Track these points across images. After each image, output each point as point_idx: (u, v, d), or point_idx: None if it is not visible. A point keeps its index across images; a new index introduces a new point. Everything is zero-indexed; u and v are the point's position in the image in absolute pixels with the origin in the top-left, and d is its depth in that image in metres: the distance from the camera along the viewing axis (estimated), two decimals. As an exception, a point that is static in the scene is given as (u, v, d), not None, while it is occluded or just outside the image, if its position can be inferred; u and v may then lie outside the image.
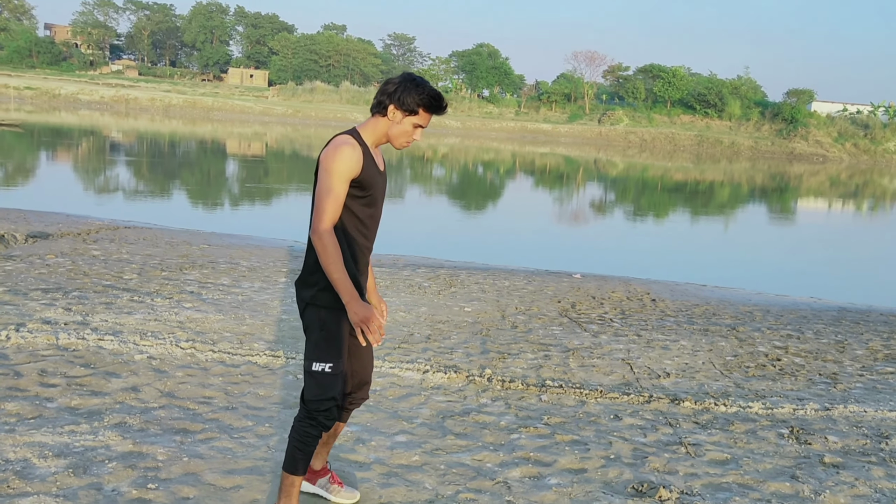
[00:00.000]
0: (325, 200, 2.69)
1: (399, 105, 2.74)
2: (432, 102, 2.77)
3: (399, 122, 2.78)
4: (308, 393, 2.84)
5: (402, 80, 2.76)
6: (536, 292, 8.47)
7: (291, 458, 2.87)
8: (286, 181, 23.57)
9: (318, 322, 2.80)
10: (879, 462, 4.14)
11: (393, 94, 2.74)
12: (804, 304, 9.40)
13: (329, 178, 2.70)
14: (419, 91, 2.73)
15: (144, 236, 10.26)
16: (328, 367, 2.80)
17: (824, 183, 40.72)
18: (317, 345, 2.80)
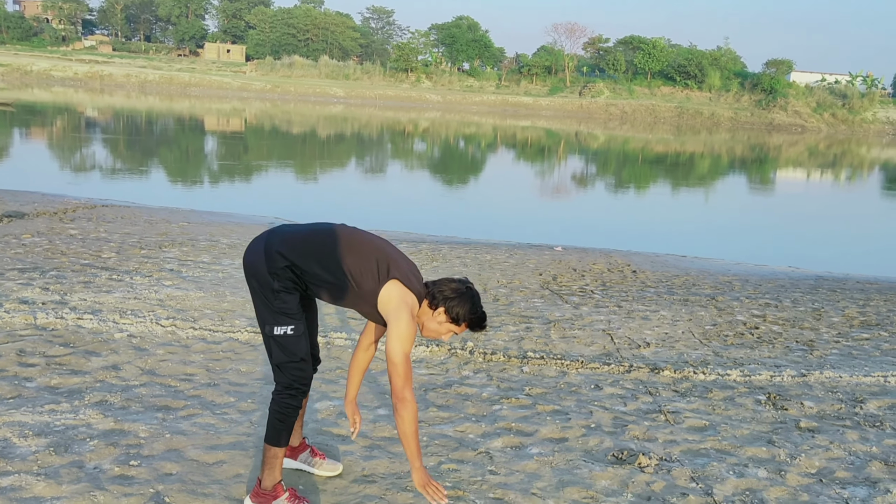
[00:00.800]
0: (404, 364, 2.75)
1: (448, 312, 2.86)
2: (478, 323, 2.90)
3: (439, 323, 2.89)
4: (276, 358, 2.86)
5: (463, 293, 2.86)
6: (518, 265, 8.50)
7: (273, 430, 2.89)
8: (266, 157, 23.37)
9: (278, 288, 2.81)
10: (854, 426, 4.22)
11: (448, 299, 2.85)
12: (782, 273, 9.51)
13: (405, 343, 2.74)
14: (472, 311, 2.86)
15: (122, 215, 10.16)
16: (290, 330, 2.83)
17: (803, 153, 41.02)
18: (278, 309, 2.82)
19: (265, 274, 2.83)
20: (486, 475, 3.39)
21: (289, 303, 2.84)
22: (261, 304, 2.87)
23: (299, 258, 2.82)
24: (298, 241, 2.87)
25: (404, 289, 2.81)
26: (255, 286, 2.88)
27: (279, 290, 2.82)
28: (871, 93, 67.57)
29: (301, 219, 11.48)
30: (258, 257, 2.87)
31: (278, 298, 2.83)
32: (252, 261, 2.89)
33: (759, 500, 3.31)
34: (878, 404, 4.59)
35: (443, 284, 2.89)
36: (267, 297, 2.84)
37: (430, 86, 68.10)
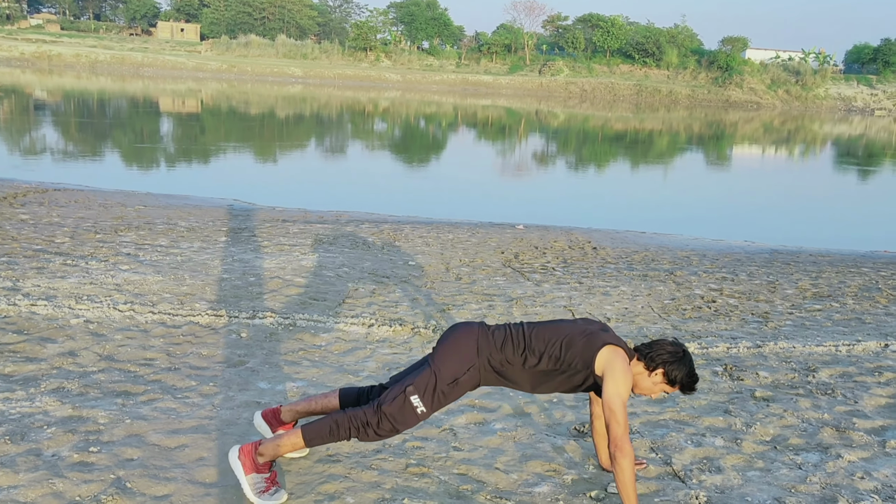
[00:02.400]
0: (623, 413, 2.82)
1: (667, 374, 2.96)
2: (690, 385, 3.00)
3: (655, 383, 3.00)
4: (389, 408, 2.90)
5: (681, 357, 2.97)
6: (480, 244, 8.53)
7: (319, 435, 2.94)
8: (224, 139, 23.00)
9: (458, 377, 2.94)
10: (806, 394, 4.35)
11: (668, 362, 2.95)
12: (738, 247, 9.70)
13: (623, 393, 2.85)
14: (689, 374, 2.97)
15: (76, 199, 9.92)
16: (421, 408, 2.92)
17: (758, 129, 41.73)
18: (434, 387, 2.92)
19: (470, 357, 2.95)
20: (451, 451, 3.42)
21: (452, 395, 2.97)
22: (427, 370, 2.95)
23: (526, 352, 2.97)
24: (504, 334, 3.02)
25: (616, 348, 2.94)
26: (442, 356, 2.96)
27: (463, 380, 2.95)
28: (824, 69, 68.88)
29: (260, 200, 11.34)
30: (471, 339, 2.99)
31: (455, 383, 2.93)
32: (462, 338, 2.99)
33: (717, 467, 3.40)
34: (830, 373, 4.73)
35: (660, 347, 3.00)
36: (439, 375, 2.92)
37: (390, 65, 67.53)
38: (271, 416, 3.26)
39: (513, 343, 2.98)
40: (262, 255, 7.19)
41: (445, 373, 2.93)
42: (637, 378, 2.99)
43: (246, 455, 2.92)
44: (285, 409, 3.25)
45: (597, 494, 3.11)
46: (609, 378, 2.87)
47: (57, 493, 2.83)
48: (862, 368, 4.84)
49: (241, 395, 3.88)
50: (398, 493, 3.01)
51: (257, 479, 2.90)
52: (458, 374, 2.94)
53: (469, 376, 2.96)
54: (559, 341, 2.96)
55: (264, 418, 3.26)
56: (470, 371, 2.96)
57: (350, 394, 3.19)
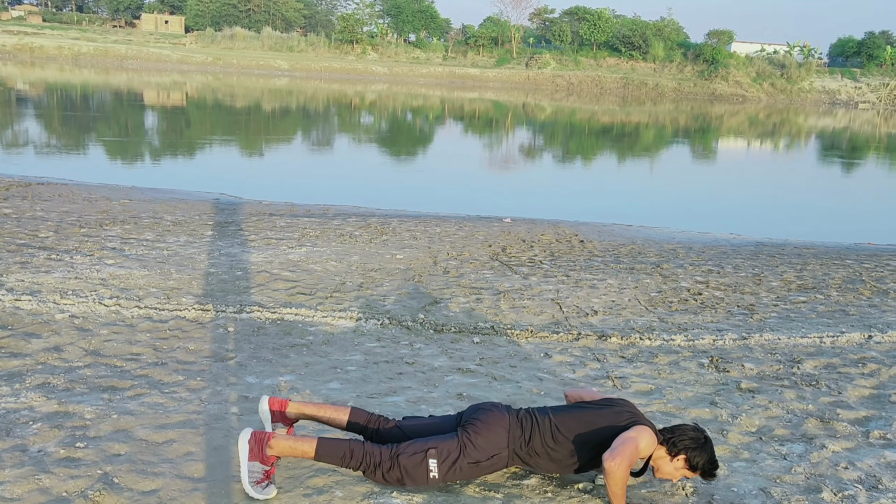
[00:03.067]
0: (633, 450, 2.90)
1: (689, 461, 3.00)
2: (711, 471, 3.02)
3: (676, 469, 3.03)
4: (406, 461, 2.93)
5: (703, 444, 3.01)
6: (467, 237, 8.53)
7: (331, 454, 2.97)
8: (209, 132, 22.85)
9: (481, 461, 2.98)
10: (791, 385, 4.39)
11: (690, 448, 2.99)
12: (724, 240, 9.76)
13: (641, 445, 2.93)
14: (710, 461, 3.00)
15: (60, 193, 9.84)
16: (434, 473, 2.95)
17: (743, 123, 41.94)
18: (455, 461, 2.95)
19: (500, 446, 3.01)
20: (439, 445, 3.43)
21: (469, 474, 3.00)
22: (454, 441, 2.99)
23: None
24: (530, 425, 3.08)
25: (644, 427, 3.01)
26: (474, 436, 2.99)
27: (485, 465, 3.00)
28: (808, 63, 69.25)
29: (247, 194, 11.28)
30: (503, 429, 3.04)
31: (477, 465, 2.98)
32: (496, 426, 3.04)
33: (703, 458, 3.42)
34: (815, 364, 4.78)
35: (682, 433, 3.04)
36: (465, 452, 2.96)
37: (377, 58, 67.24)
38: (277, 407, 3.25)
39: (541, 437, 3.04)
40: (249, 249, 7.16)
41: (472, 453, 2.98)
42: (659, 463, 3.04)
43: (257, 442, 2.93)
44: (293, 406, 3.24)
45: (584, 486, 3.13)
46: (635, 430, 2.95)
47: (43, 488, 2.82)
48: (846, 360, 4.89)
49: (228, 390, 3.87)
50: (387, 488, 3.02)
51: (257, 469, 2.91)
52: (482, 458, 2.99)
53: (491, 463, 3.02)
54: (583, 429, 3.04)
55: (270, 406, 3.24)
56: (493, 459, 3.01)
57: (359, 416, 3.20)
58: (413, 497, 2.95)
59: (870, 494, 3.15)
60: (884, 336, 5.44)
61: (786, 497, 3.09)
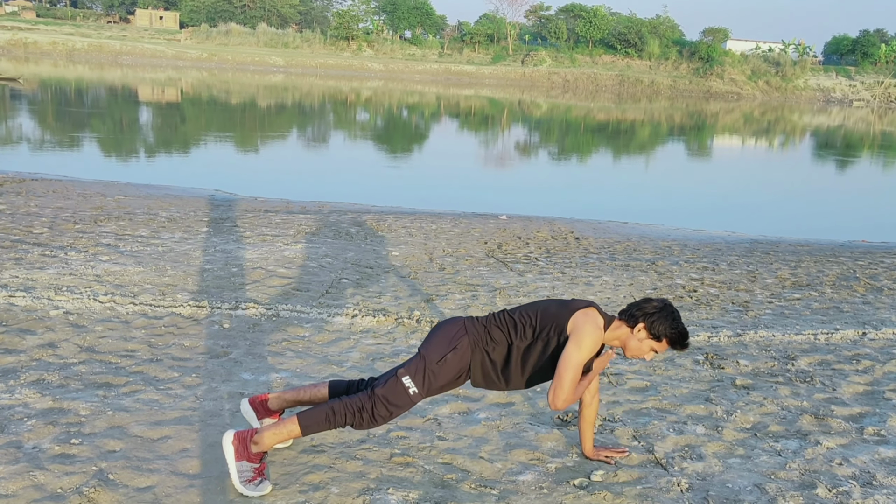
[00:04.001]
0: (567, 374, 2.86)
1: (648, 327, 2.94)
2: (678, 339, 2.96)
3: (639, 340, 2.97)
4: (382, 390, 2.93)
5: (662, 308, 2.95)
6: (463, 234, 8.53)
7: (316, 422, 2.94)
8: (205, 129, 22.80)
9: (444, 354, 2.97)
10: (786, 382, 4.40)
11: (649, 315, 2.93)
12: (719, 237, 9.78)
13: (580, 357, 2.88)
14: (673, 325, 2.93)
15: (54, 189, 9.80)
16: (413, 388, 2.94)
17: (738, 120, 42.01)
18: (423, 368, 2.95)
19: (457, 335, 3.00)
20: (435, 441, 3.43)
21: (442, 374, 2.97)
22: (416, 356, 3.01)
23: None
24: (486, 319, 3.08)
25: (591, 309, 2.98)
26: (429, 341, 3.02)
27: (450, 358, 2.97)
28: (803, 60, 69.43)
29: (242, 190, 11.26)
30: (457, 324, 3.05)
31: (443, 361, 2.96)
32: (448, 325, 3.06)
33: (698, 455, 3.43)
34: (809, 361, 4.79)
35: (642, 303, 3.01)
36: (427, 356, 2.96)
37: (372, 54, 67.13)
38: (258, 403, 3.25)
39: (496, 323, 3.04)
40: (245, 246, 7.15)
41: (433, 353, 2.97)
42: (625, 340, 3.01)
43: (241, 441, 2.91)
44: (273, 397, 3.24)
45: (580, 482, 3.14)
46: (573, 337, 2.90)
47: (38, 485, 2.81)
48: (840, 356, 4.90)
49: (224, 386, 3.86)
50: (383, 483, 3.02)
51: (246, 468, 2.90)
52: (444, 352, 2.97)
53: (455, 354, 2.98)
54: (536, 311, 3.03)
55: (251, 405, 3.25)
56: (456, 349, 2.98)
57: (339, 386, 3.19)
58: (409, 493, 2.95)
59: (864, 490, 3.16)
60: (878, 333, 5.46)
61: (780, 493, 3.10)
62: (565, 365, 2.85)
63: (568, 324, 2.94)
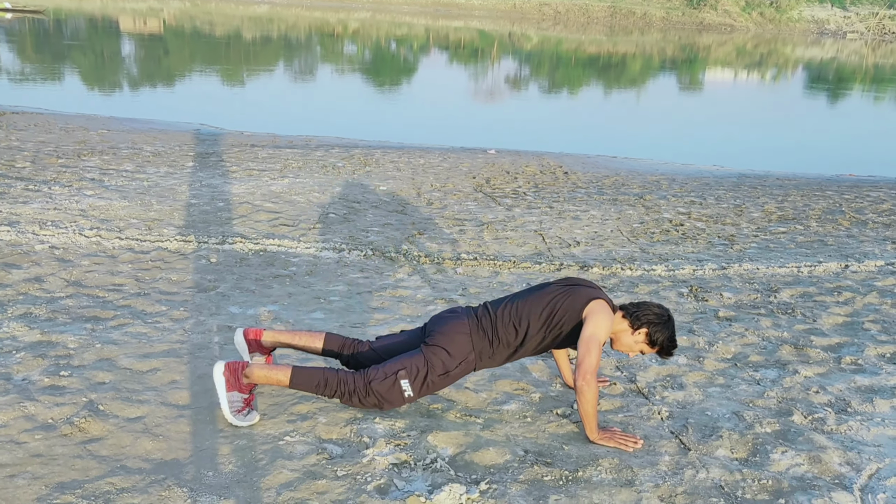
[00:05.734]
0: (592, 356, 2.87)
1: (650, 335, 3.03)
2: (669, 349, 3.08)
3: (636, 342, 3.06)
4: (378, 387, 2.96)
5: (665, 322, 3.04)
6: (451, 169, 8.49)
7: (306, 382, 2.98)
8: (189, 61, 22.32)
9: (449, 370, 3.00)
10: (768, 313, 4.47)
11: (653, 323, 3.02)
12: (707, 171, 9.78)
13: (601, 336, 2.92)
14: (671, 338, 3.05)
15: (35, 122, 9.63)
16: (409, 392, 2.97)
17: (731, 53, 41.45)
18: (425, 377, 2.97)
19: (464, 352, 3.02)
20: (421, 372, 3.48)
21: (441, 385, 3.03)
22: (420, 357, 2.99)
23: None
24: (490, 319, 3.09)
25: (602, 302, 3.02)
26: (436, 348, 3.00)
27: (454, 374, 3.02)
28: (798, -9, 68.12)
29: (228, 124, 11.11)
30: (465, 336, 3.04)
31: (446, 375, 3.00)
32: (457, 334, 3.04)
33: (679, 384, 3.51)
34: (791, 293, 4.86)
35: (646, 308, 3.06)
36: (432, 366, 2.97)
37: (359, -16, 65.30)
38: (252, 339, 3.27)
39: (504, 331, 3.05)
40: (231, 181, 7.09)
41: (438, 366, 2.99)
42: (620, 335, 3.08)
43: (231, 372, 2.95)
44: (268, 334, 3.26)
45: (563, 411, 3.21)
46: (591, 321, 2.95)
47: (29, 415, 2.85)
48: (822, 288, 4.97)
49: (212, 320, 3.89)
50: (370, 414, 3.07)
51: (236, 398, 2.95)
52: (449, 368, 3.01)
53: (460, 370, 3.04)
54: (544, 312, 3.04)
55: (245, 336, 3.26)
56: (461, 365, 3.03)
57: (334, 341, 3.21)
58: (395, 422, 3.01)
59: (839, 417, 3.25)
60: (860, 265, 5.53)
61: (758, 420, 3.18)
62: (588, 347, 2.88)
63: (583, 312, 2.99)
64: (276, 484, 2.56)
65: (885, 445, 3.03)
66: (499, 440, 2.93)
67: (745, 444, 2.99)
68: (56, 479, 2.49)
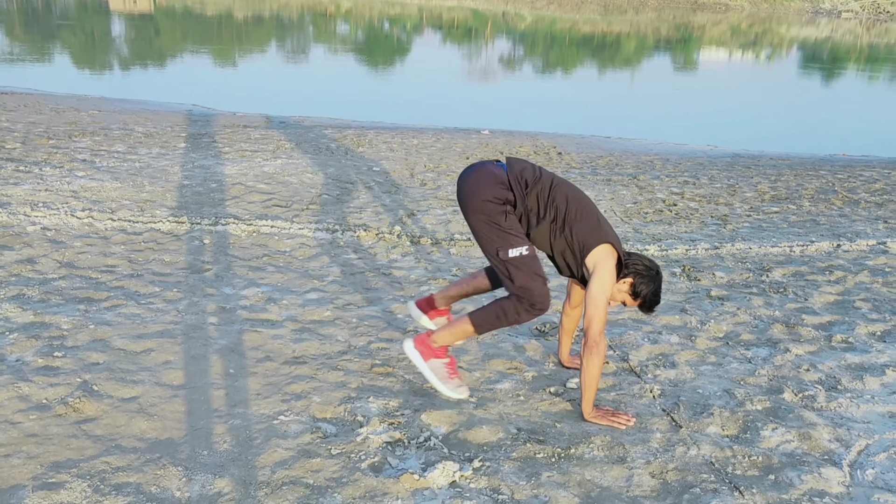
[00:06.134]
0: (598, 311, 2.86)
1: (634, 286, 2.98)
2: (652, 304, 3.04)
3: (619, 290, 3.01)
4: (518, 279, 2.86)
5: (653, 275, 2.99)
6: (445, 150, 8.47)
7: (487, 321, 2.95)
8: (180, 41, 22.12)
9: (505, 212, 2.86)
10: (760, 293, 4.50)
11: (640, 274, 2.98)
12: (701, 151, 9.78)
13: (606, 292, 2.89)
14: (655, 292, 3.01)
15: (25, 103, 9.56)
16: (525, 250, 2.87)
17: (725, 33, 41.29)
18: (507, 232, 2.86)
19: (493, 198, 2.86)
20: (415, 351, 3.49)
21: (516, 224, 2.90)
22: (487, 230, 2.88)
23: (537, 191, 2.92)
24: (532, 177, 2.95)
25: (613, 251, 2.94)
26: (477, 214, 2.89)
27: (508, 213, 2.87)
28: (794, -29, 67.80)
29: (220, 105, 11.04)
30: (483, 184, 2.90)
31: (508, 220, 2.86)
32: (473, 189, 2.91)
33: (671, 363, 3.53)
34: (783, 272, 4.88)
35: (637, 259, 3.02)
36: (495, 221, 2.86)
37: (352, -37, 64.68)
38: (425, 304, 3.33)
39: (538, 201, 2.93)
40: (224, 162, 7.06)
41: (486, 206, 2.87)
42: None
43: (421, 343, 3.00)
44: (438, 297, 3.32)
45: (556, 390, 3.23)
46: (597, 275, 2.90)
47: (23, 396, 2.85)
48: (814, 268, 5.00)
49: (205, 301, 3.89)
50: (363, 392, 3.09)
51: (437, 365, 3.01)
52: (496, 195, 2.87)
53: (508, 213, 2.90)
54: (576, 209, 2.93)
55: (418, 306, 3.34)
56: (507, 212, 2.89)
57: (493, 272, 3.16)
58: (389, 401, 3.02)
59: (829, 394, 3.28)
60: (852, 245, 5.56)
61: (749, 398, 3.21)
62: (595, 303, 2.86)
63: (591, 252, 2.91)
64: (271, 462, 2.58)
65: (874, 422, 3.07)
66: (492, 418, 2.96)
67: (735, 422, 3.02)
68: (51, 458, 2.50)
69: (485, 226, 2.89)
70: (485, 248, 2.93)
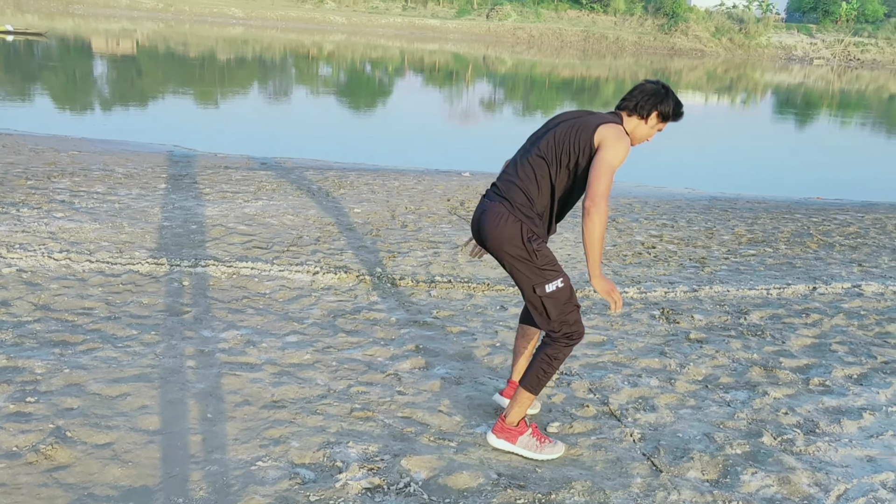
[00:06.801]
0: (604, 178, 2.78)
1: (661, 113, 2.97)
2: (678, 112, 3.02)
3: (651, 127, 3.00)
4: (554, 314, 2.87)
5: (666, 91, 2.97)
6: (426, 192, 8.52)
7: (538, 379, 2.94)
8: (163, 83, 22.22)
9: (533, 250, 2.86)
10: (738, 335, 4.53)
11: (659, 103, 2.96)
12: (679, 194, 9.92)
13: (614, 161, 2.82)
14: (676, 102, 2.98)
15: (3, 143, 9.52)
16: (560, 283, 2.88)
17: (702, 77, 42.24)
18: (541, 269, 2.87)
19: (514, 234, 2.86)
20: (395, 396, 3.48)
21: (549, 254, 2.90)
22: (521, 267, 2.88)
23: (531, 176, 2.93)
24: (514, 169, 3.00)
25: (611, 124, 2.89)
26: (505, 255, 2.90)
27: (538, 246, 2.87)
28: (766, 18, 69.82)
29: (201, 146, 11.06)
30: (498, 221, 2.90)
31: (539, 253, 2.86)
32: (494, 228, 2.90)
33: (651, 406, 3.53)
34: (761, 315, 4.93)
35: (642, 95, 2.98)
36: (528, 257, 2.86)
37: (335, 7, 65.70)
38: (511, 388, 3.31)
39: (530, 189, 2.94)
40: (204, 203, 7.05)
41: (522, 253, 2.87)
42: (634, 131, 3.01)
43: (501, 431, 3.03)
44: (515, 374, 3.29)
45: (536, 434, 3.21)
46: (605, 147, 2.83)
47: (-6, 443, 2.79)
48: (791, 310, 5.05)
49: (183, 344, 3.85)
50: (343, 437, 3.06)
51: (525, 440, 3.02)
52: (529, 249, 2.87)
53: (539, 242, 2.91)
54: (555, 140, 2.92)
55: (504, 396, 3.36)
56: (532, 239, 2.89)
57: (528, 315, 3.19)
58: (369, 446, 2.99)
59: (807, 438, 3.29)
60: (827, 287, 5.63)
61: (728, 441, 3.22)
62: (600, 171, 2.78)
63: (594, 139, 2.86)
64: (248, 511, 2.53)
65: (852, 466, 3.08)
66: (472, 463, 2.93)
67: (715, 466, 3.02)
68: (21, 508, 2.44)
69: (518, 263, 2.90)
70: (521, 286, 2.95)
